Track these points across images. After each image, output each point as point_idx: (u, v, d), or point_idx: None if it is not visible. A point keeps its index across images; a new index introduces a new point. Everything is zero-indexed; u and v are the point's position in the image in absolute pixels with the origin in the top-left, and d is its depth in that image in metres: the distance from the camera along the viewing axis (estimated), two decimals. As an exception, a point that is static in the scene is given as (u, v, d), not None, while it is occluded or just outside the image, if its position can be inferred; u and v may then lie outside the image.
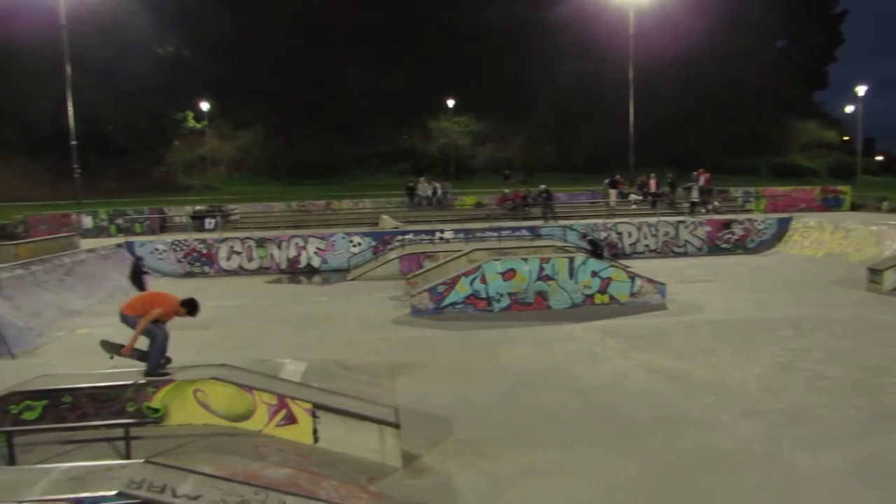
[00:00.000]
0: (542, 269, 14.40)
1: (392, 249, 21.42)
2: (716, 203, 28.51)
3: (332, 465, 6.56)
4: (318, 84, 60.04)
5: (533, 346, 11.55)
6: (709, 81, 61.12)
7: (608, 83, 50.18)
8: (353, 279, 20.16)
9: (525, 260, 14.63)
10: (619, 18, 40.17)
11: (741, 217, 24.89)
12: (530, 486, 6.43)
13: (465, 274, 14.44)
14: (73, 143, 35.28)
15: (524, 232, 23.01)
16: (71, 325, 14.11)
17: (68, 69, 34.46)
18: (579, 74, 59.70)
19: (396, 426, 6.89)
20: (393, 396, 8.66)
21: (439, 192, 32.70)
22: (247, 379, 7.46)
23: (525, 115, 62.35)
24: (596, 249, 18.99)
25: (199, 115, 60.63)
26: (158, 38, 54.63)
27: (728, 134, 59.78)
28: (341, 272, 21.29)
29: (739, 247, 23.46)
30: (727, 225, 23.86)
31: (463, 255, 17.29)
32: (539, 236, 22.25)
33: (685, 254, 23.14)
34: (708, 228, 23.65)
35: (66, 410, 7.15)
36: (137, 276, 17.34)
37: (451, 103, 61.55)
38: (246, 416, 7.19)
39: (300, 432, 7.05)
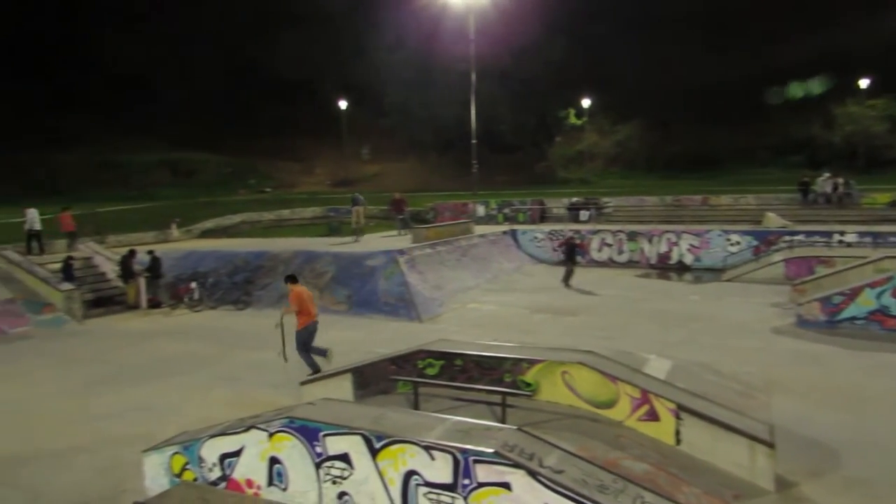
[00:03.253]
0: None
1: (777, 251, 19.42)
2: None
3: (693, 471, 6.29)
4: (698, 74, 57.12)
5: (966, 383, 9.17)
6: None
7: None
8: (729, 280, 19.02)
9: (961, 274, 11.69)
10: None
11: None
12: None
13: (871, 285, 12.26)
14: (474, 142, 40.53)
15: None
16: (463, 300, 16.30)
17: (473, 77, 39.55)
18: None
19: (771, 445, 6.24)
20: (768, 412, 7.85)
21: (841, 187, 28.17)
22: (611, 368, 7.63)
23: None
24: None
25: (579, 112, 63.68)
26: (547, 42, 58.51)
27: None
28: (715, 272, 20.15)
29: None
30: None
31: (869, 262, 14.82)
32: None
33: None
34: None
35: (457, 372, 8.37)
36: (572, 253, 18.93)
37: (864, 83, 52.03)
38: (609, 404, 7.38)
39: (661, 431, 6.93)
